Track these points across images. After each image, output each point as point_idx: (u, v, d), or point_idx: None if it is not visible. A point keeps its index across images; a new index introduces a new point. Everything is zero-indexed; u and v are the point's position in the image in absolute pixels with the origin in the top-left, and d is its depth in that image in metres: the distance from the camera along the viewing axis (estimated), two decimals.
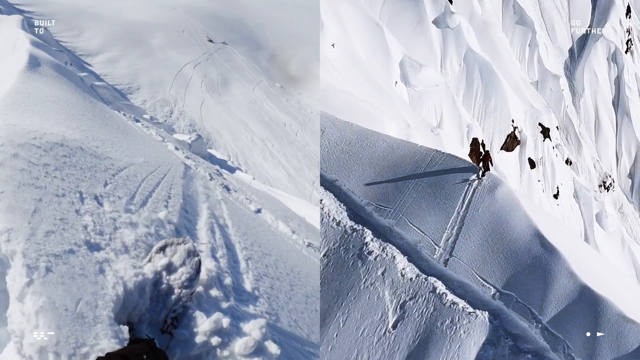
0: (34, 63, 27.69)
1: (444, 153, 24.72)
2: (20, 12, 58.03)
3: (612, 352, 17.60)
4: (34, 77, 24.99)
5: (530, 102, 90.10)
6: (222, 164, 44.22)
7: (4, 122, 14.01)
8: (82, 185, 12.43)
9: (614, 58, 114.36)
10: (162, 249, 10.03)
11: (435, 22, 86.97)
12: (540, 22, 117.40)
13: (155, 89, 58.57)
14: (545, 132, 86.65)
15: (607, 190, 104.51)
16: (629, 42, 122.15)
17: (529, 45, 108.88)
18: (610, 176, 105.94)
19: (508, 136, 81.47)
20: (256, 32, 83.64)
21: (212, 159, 43.82)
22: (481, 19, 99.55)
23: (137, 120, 35.73)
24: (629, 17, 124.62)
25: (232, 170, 43.87)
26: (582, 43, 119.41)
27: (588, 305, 18.60)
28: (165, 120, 51.94)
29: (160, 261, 9.76)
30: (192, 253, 9.93)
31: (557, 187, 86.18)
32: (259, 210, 22.11)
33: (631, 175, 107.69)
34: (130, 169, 16.35)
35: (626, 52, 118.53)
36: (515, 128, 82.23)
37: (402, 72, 68.45)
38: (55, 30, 58.92)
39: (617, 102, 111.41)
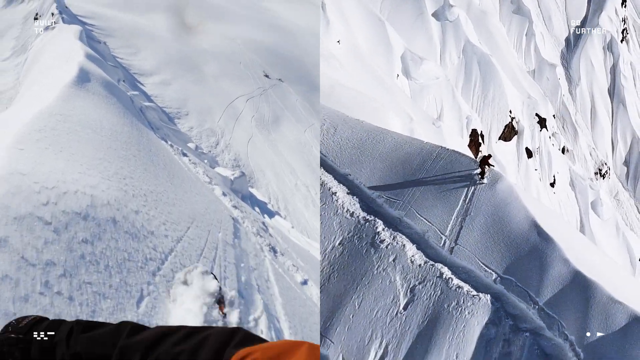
0: (83, 78, 25.92)
1: (448, 149, 26.36)
2: (82, 24, 57.24)
3: (601, 330, 19.27)
4: (80, 94, 22.96)
5: (527, 92, 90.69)
6: (262, 206, 43.29)
7: (10, 167, 9.97)
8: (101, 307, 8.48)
9: (609, 47, 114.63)
10: None
11: (435, 15, 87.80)
12: (537, 11, 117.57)
13: (204, 118, 56.25)
14: (542, 122, 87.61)
15: (603, 178, 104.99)
16: (625, 32, 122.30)
17: (525, 34, 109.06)
18: (606, 164, 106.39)
19: (506, 126, 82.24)
20: (313, 72, 75.97)
21: (252, 199, 42.62)
22: (479, 8, 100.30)
23: (184, 154, 33.88)
24: (625, 7, 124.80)
25: (271, 214, 42.51)
26: (579, 32, 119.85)
27: (580, 288, 20.29)
28: (210, 151, 50.25)
29: None
30: None
31: (554, 176, 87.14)
32: (305, 282, 21.96)
33: (626, 163, 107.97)
34: (177, 250, 13.27)
35: (622, 41, 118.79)
36: (512, 118, 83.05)
37: (404, 65, 69.08)
38: (113, 46, 58.57)
39: (613, 90, 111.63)
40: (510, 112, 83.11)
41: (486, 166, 24.46)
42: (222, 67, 68.70)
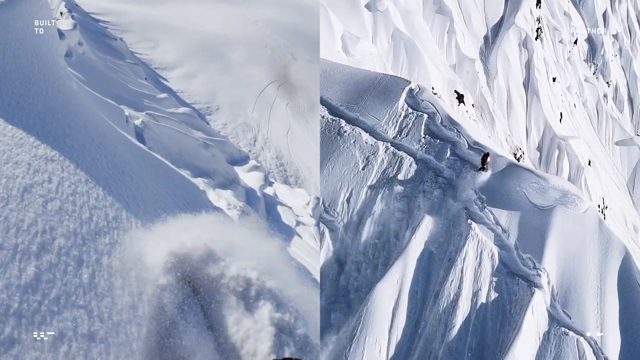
0: None
1: (388, 74, 36.69)
2: (96, 21, 55.63)
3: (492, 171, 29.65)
4: None
5: (448, 80, 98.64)
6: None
7: None
8: None
9: (524, 44, 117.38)
10: None
11: (367, 6, 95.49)
12: (457, 11, 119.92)
13: (236, 111, 52.90)
14: (460, 97, 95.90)
15: (519, 161, 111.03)
16: (539, 30, 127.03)
17: (447, 32, 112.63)
18: (520, 149, 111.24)
19: None
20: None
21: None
22: (404, 8, 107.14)
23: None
24: (539, 7, 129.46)
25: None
26: (496, 30, 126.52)
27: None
28: (250, 150, 46.60)
29: None
30: None
31: None
32: None
33: (539, 148, 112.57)
34: None
35: (536, 38, 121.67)
36: (435, 94, 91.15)
37: (343, 44, 77.27)
38: (130, 42, 55.62)
39: (527, 83, 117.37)
40: (433, 88, 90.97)
41: (486, 163, 29.93)
42: (248, 52, 65.01)
